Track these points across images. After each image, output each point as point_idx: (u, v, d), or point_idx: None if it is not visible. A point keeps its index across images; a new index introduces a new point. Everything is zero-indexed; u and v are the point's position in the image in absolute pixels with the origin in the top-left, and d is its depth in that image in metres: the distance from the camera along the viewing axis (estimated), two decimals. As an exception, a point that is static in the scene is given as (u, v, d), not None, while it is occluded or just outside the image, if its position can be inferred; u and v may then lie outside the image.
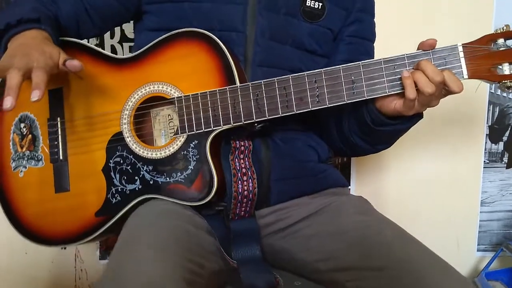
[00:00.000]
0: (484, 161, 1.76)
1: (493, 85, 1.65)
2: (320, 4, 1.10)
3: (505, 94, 1.74)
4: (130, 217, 1.00)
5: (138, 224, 0.95)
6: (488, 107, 1.74)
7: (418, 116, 1.00)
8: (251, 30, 1.06)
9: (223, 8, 1.05)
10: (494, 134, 1.76)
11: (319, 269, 1.02)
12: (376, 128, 1.03)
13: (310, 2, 1.10)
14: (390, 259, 0.92)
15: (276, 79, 0.98)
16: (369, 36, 1.20)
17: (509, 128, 1.76)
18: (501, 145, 1.77)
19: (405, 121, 1.01)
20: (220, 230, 1.04)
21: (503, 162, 1.78)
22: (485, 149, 1.76)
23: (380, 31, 1.21)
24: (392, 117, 1.00)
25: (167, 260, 0.82)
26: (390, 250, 0.94)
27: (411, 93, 0.92)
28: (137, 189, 1.03)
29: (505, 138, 1.77)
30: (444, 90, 0.93)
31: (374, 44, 1.21)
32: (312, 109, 0.97)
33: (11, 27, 0.99)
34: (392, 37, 1.40)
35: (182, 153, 1.02)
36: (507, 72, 0.91)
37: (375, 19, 1.21)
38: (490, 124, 1.75)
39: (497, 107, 1.75)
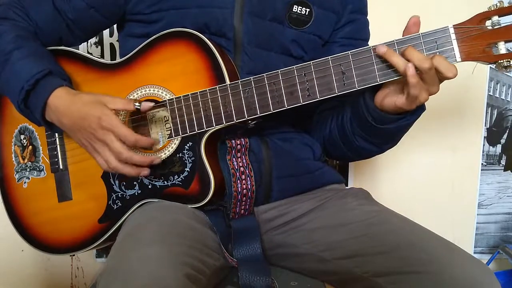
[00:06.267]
0: (482, 164, 1.75)
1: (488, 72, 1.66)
2: (307, 10, 1.08)
3: (503, 97, 1.72)
4: (133, 212, 1.02)
5: (140, 219, 0.96)
6: (486, 110, 1.72)
7: (421, 109, 0.97)
8: (238, 36, 1.04)
9: (210, 13, 1.04)
10: (492, 137, 1.75)
11: (324, 258, 1.02)
12: (379, 126, 0.99)
13: (297, 8, 1.07)
14: (399, 243, 0.93)
15: (266, 75, 0.96)
16: (364, 36, 1.17)
17: (507, 131, 1.75)
18: (499, 148, 1.76)
19: (408, 116, 0.96)
20: (220, 226, 1.04)
21: (500, 165, 1.77)
22: (483, 152, 1.75)
23: (375, 18, 1.18)
24: (395, 113, 0.97)
25: (170, 257, 0.82)
26: (399, 235, 0.95)
27: (416, 90, 0.88)
28: (136, 194, 1.04)
29: (503, 141, 1.76)
30: (439, 75, 0.89)
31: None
32: (303, 103, 0.95)
33: (29, 90, 0.98)
34: (387, 22, 1.37)
35: (178, 155, 1.01)
36: (503, 51, 0.86)
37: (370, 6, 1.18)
38: (488, 126, 1.74)
39: (495, 110, 1.73)
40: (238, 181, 1.02)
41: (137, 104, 0.97)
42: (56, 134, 1.10)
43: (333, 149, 1.16)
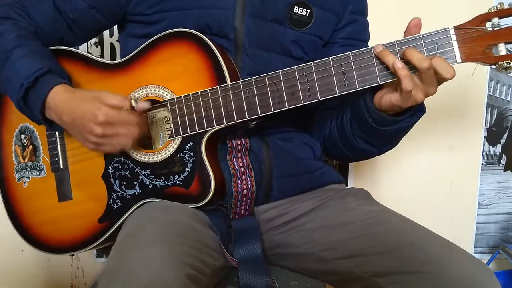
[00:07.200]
0: (482, 164, 1.76)
1: (488, 72, 1.66)
2: (308, 11, 1.08)
3: (503, 97, 1.72)
4: (133, 212, 1.02)
5: (141, 219, 0.96)
6: (486, 110, 1.72)
7: (421, 110, 0.98)
8: (240, 36, 1.04)
9: (212, 14, 1.04)
10: (492, 137, 1.75)
11: (324, 258, 1.02)
12: (379, 128, 0.99)
13: (298, 9, 1.07)
14: (399, 243, 0.94)
15: (267, 75, 0.96)
16: (364, 36, 1.18)
17: (507, 131, 1.75)
18: (499, 148, 1.76)
19: (408, 118, 0.97)
20: (221, 226, 1.04)
21: (500, 165, 1.77)
22: (483, 152, 1.75)
23: (375, 18, 1.19)
24: (395, 115, 0.97)
25: (171, 257, 0.82)
26: (399, 235, 0.96)
27: (408, 85, 0.88)
28: (136, 193, 1.04)
29: (503, 141, 1.76)
30: (437, 76, 0.89)
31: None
32: (304, 103, 0.95)
33: (29, 87, 0.98)
34: (387, 23, 1.37)
35: (178, 155, 1.01)
36: (503, 52, 0.87)
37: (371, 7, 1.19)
38: (488, 126, 1.74)
39: (495, 110, 1.73)
40: (239, 181, 1.02)
41: (133, 102, 0.97)
42: (57, 134, 1.10)
43: (333, 149, 1.16)
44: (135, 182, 1.04)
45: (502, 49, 0.87)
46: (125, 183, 1.05)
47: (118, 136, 0.96)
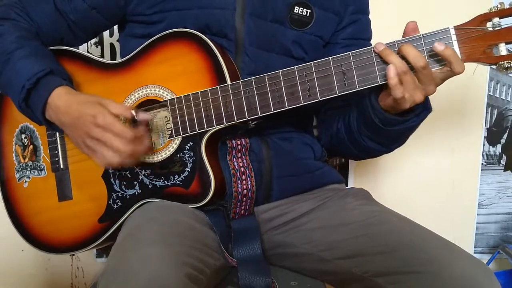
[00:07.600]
0: (482, 164, 1.76)
1: (488, 70, 1.65)
2: (309, 11, 1.08)
3: (503, 97, 1.73)
4: (133, 212, 1.02)
5: (140, 219, 0.96)
6: (486, 110, 1.73)
7: (427, 109, 0.98)
8: (240, 36, 1.04)
9: (212, 14, 1.04)
10: (492, 137, 1.75)
11: (324, 258, 1.03)
12: (386, 128, 0.99)
13: (298, 9, 1.07)
14: (400, 243, 0.94)
15: (266, 75, 0.96)
16: (367, 35, 1.18)
17: (507, 131, 1.75)
18: (499, 148, 1.76)
19: (414, 118, 0.97)
20: (220, 226, 1.04)
21: (500, 165, 1.77)
22: (483, 152, 1.76)
23: (375, 19, 1.19)
24: (400, 114, 0.97)
25: (171, 257, 0.82)
26: (399, 235, 0.96)
27: (397, 94, 0.89)
28: (136, 193, 1.04)
29: (503, 141, 1.76)
30: (448, 72, 0.89)
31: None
32: (304, 103, 0.95)
33: (30, 88, 0.99)
34: (388, 23, 1.38)
35: (178, 155, 1.01)
36: (504, 52, 0.87)
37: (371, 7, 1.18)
38: (488, 126, 1.75)
39: (495, 110, 1.74)
40: (239, 181, 1.02)
41: (133, 112, 0.97)
42: (57, 134, 1.10)
43: (341, 148, 1.16)
44: (135, 182, 1.04)
45: (502, 49, 0.87)
46: (125, 183, 1.05)
47: (107, 146, 0.93)
